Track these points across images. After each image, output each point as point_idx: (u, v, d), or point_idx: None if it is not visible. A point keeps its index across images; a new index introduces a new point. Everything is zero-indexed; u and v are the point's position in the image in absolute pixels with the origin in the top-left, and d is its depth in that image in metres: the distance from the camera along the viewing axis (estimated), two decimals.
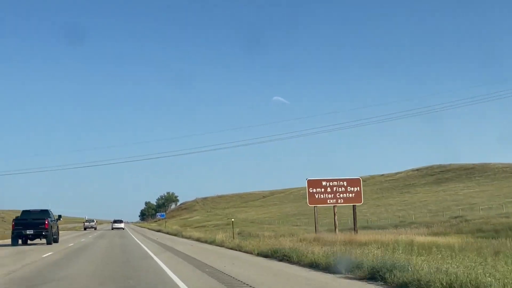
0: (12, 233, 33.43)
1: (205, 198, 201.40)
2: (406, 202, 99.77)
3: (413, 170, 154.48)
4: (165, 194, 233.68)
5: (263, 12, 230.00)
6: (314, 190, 32.22)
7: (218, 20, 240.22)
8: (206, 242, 32.51)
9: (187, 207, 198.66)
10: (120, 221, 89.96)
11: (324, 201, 32.32)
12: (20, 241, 33.47)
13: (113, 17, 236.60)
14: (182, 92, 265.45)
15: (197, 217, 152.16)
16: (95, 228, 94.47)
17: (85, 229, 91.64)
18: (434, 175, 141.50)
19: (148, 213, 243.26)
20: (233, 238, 30.91)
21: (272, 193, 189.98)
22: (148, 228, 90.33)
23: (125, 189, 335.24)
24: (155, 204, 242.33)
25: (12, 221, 34.14)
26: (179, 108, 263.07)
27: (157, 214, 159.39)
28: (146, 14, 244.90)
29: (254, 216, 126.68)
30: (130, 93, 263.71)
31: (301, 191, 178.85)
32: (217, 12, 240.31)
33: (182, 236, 44.64)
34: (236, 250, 24.52)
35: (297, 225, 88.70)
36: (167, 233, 58.27)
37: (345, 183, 32.55)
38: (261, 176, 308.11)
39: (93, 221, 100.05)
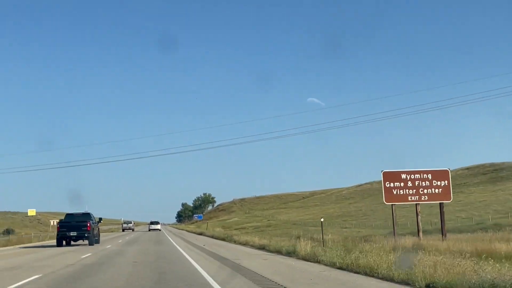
0: (57, 235, 35.24)
1: (243, 199, 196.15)
2: (462, 202, 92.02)
3: (462, 169, 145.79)
4: (202, 195, 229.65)
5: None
6: (392, 185, 26.23)
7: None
8: (279, 252, 22.05)
9: (225, 208, 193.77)
10: (157, 223, 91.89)
11: (404, 197, 26.30)
12: (64, 242, 35.17)
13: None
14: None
15: (236, 219, 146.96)
16: (133, 230, 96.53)
17: (123, 230, 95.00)
18: (487, 174, 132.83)
19: (184, 215, 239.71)
20: (323, 247, 19.35)
21: (312, 193, 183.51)
22: (187, 231, 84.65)
23: (162, 191, 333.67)
24: (191, 205, 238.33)
25: (57, 224, 36.24)
26: (220, 108, 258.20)
27: (194, 215, 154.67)
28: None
29: (295, 218, 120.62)
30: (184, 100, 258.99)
31: (343, 192, 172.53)
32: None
33: (235, 242, 33.71)
34: (356, 272, 13.98)
35: (346, 227, 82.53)
36: (212, 236, 49.51)
37: (429, 176, 26.45)
38: (300, 177, 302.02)
39: (130, 222, 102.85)
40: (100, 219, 42.86)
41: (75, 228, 34.42)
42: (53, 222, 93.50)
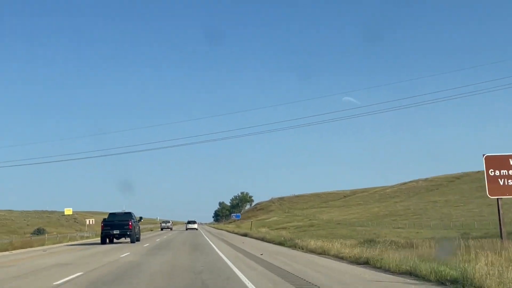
0: (101, 233, 36.78)
1: (281, 198, 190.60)
2: None
3: None
4: (239, 194, 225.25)
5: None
6: (498, 173, 20.31)
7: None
8: (389, 270, 13.53)
9: (263, 207, 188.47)
10: (194, 222, 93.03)
11: None
12: (107, 240, 36.50)
13: None
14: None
15: (275, 218, 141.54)
16: (171, 229, 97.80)
17: (161, 229, 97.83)
18: None
19: (222, 214, 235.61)
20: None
21: (353, 192, 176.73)
22: (227, 231, 79.30)
23: (199, 190, 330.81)
24: (229, 204, 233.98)
25: (101, 223, 37.22)
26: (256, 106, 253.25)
27: (232, 214, 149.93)
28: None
29: (338, 217, 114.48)
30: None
31: (387, 190, 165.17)
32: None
33: (302, 249, 23.86)
34: None
35: (398, 228, 76.43)
36: (262, 239, 39.72)
37: None
38: (339, 175, 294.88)
39: (169, 222, 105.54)
40: (141, 218, 43.75)
41: (117, 227, 36.08)
42: (89, 221, 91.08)
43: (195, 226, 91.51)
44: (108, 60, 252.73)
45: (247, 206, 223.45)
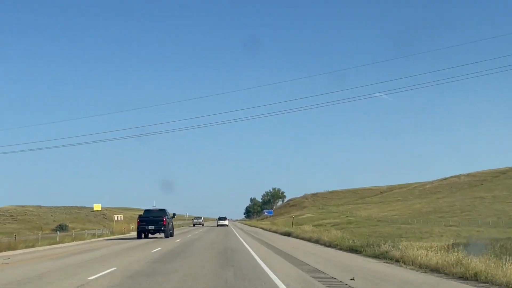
0: (137, 228, 39.23)
1: (315, 194, 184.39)
2: None
3: None
4: (271, 190, 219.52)
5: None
6: None
7: None
8: None
9: (296, 203, 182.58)
10: (225, 219, 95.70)
11: None
12: (143, 235, 38.85)
13: None
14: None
15: (309, 215, 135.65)
16: (202, 225, 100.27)
17: (193, 225, 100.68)
18: None
19: (253, 210, 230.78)
20: None
21: (390, 188, 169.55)
22: (262, 228, 73.59)
23: (229, 186, 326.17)
24: (260, 200, 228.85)
25: (137, 219, 39.59)
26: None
27: (264, 211, 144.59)
28: None
29: (378, 214, 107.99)
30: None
31: (426, 186, 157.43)
32: None
33: (408, 264, 14.77)
34: None
35: (450, 225, 69.91)
36: (317, 242, 31.82)
37: None
38: (373, 171, 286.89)
39: (200, 218, 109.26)
40: (174, 214, 44.64)
41: (152, 223, 38.41)
42: (117, 217, 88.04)
43: (226, 222, 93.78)
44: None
45: (279, 203, 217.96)
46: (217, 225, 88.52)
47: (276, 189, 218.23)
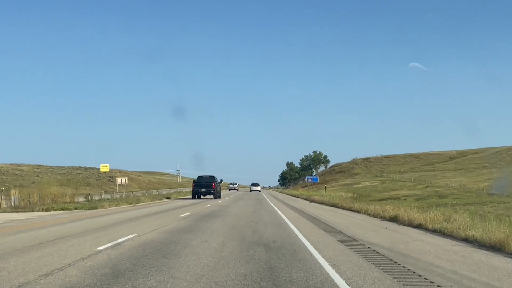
0: (192, 191, 50.72)
1: (366, 159, 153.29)
2: None
3: None
4: (311, 154, 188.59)
5: None
6: None
7: None
8: None
9: (343, 169, 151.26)
10: (257, 185, 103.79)
11: None
12: (196, 196, 49.48)
13: None
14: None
15: (367, 183, 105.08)
16: (237, 190, 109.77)
17: (229, 190, 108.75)
18: None
19: (290, 177, 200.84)
20: None
21: (461, 153, 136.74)
22: (311, 200, 46.56)
23: (264, 151, 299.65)
24: (298, 166, 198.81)
25: (192, 183, 51.46)
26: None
27: (307, 177, 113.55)
28: None
29: (471, 184, 76.35)
30: None
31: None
32: None
33: None
34: None
35: None
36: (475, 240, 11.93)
37: None
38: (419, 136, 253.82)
39: (235, 184, 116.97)
40: (221, 180, 53.97)
41: (204, 187, 48.78)
42: (121, 180, 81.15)
43: (258, 188, 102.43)
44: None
45: (320, 168, 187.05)
46: (250, 191, 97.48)
47: (317, 152, 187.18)
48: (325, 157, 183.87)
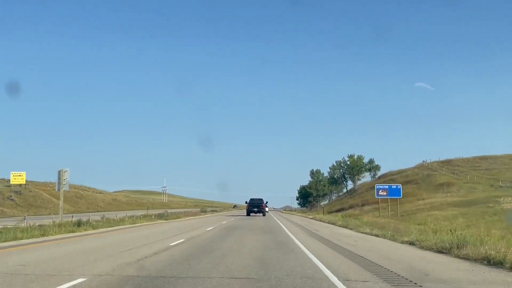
0: (247, 209, 63.70)
1: (447, 161, 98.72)
2: None
3: None
4: (346, 158, 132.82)
5: None
6: None
7: None
8: None
9: (411, 179, 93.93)
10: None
11: None
12: (250, 214, 63.01)
13: None
14: None
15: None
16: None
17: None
18: None
19: (316, 193, 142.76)
20: None
21: None
22: None
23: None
24: (326, 175, 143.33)
25: (246, 203, 64.50)
26: None
27: (378, 187, 58.07)
28: None
29: None
30: None
31: None
32: None
33: None
34: None
35: None
36: None
37: None
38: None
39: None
40: (267, 202, 68.25)
41: (256, 206, 62.82)
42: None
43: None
44: None
45: (364, 179, 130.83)
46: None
47: (355, 157, 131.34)
48: (371, 162, 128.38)
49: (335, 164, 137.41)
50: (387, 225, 31.14)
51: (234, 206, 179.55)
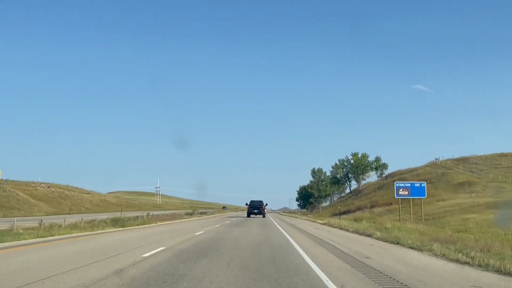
0: (247, 211, 67.24)
1: (464, 159, 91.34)
2: None
3: None
4: (349, 156, 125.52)
5: None
6: None
7: None
8: None
9: (424, 178, 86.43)
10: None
11: None
12: (250, 215, 66.41)
13: None
14: None
15: None
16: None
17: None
18: None
19: (318, 194, 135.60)
20: None
21: None
22: None
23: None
24: (328, 173, 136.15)
25: (247, 205, 68.04)
26: None
27: (398, 184, 50.57)
28: None
29: None
30: None
31: None
32: None
33: None
34: None
35: None
36: None
37: None
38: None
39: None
40: (267, 204, 71.83)
41: (256, 208, 66.49)
42: None
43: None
44: None
45: (368, 178, 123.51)
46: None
47: (358, 154, 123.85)
48: (378, 160, 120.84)
49: (337, 163, 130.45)
50: (434, 234, 23.82)
51: (224, 208, 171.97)
